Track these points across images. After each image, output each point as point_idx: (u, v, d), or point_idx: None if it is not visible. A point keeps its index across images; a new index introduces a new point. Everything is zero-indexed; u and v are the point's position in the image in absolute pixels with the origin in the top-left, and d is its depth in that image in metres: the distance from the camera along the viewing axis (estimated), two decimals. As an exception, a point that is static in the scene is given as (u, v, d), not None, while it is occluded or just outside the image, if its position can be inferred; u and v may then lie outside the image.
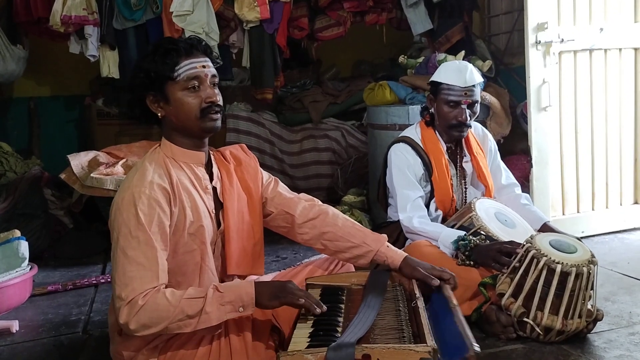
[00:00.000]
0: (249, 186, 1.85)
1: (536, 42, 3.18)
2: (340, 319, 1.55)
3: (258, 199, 1.87)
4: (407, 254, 1.83)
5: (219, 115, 1.70)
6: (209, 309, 1.53)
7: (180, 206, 1.65)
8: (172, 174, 1.66)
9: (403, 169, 2.54)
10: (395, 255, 1.82)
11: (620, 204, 3.53)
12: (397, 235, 2.57)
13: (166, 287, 1.57)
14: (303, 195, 1.98)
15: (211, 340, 1.67)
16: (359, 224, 1.93)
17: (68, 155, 3.47)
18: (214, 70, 1.71)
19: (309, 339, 1.42)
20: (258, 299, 1.56)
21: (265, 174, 1.95)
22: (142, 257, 1.54)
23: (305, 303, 1.54)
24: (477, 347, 1.29)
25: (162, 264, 1.57)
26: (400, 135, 2.67)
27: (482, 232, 2.29)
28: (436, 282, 1.72)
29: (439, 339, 1.41)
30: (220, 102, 1.70)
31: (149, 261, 1.54)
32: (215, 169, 1.80)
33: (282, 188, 1.95)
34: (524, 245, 2.06)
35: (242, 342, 1.67)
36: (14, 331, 2.44)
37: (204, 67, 1.68)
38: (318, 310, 1.53)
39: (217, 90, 1.70)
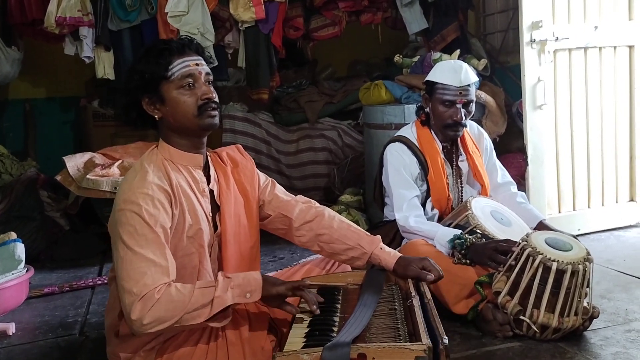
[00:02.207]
0: (245, 188, 1.85)
1: (531, 41, 3.19)
2: (336, 319, 1.55)
3: (255, 202, 1.87)
4: (400, 255, 1.83)
5: (216, 112, 1.69)
6: (219, 293, 1.53)
7: (180, 209, 1.65)
8: (172, 177, 1.66)
9: (399, 169, 2.54)
10: (389, 257, 1.82)
11: (616, 202, 3.54)
12: (394, 234, 2.58)
13: None
14: (300, 197, 1.98)
15: (208, 342, 1.66)
16: (354, 225, 1.93)
17: (64, 157, 3.47)
18: (207, 68, 1.71)
19: (304, 339, 1.42)
20: (264, 286, 1.58)
21: (262, 176, 1.95)
22: (151, 254, 1.53)
23: (307, 296, 1.57)
24: (445, 340, 1.31)
25: (171, 261, 1.57)
26: (396, 135, 2.67)
27: (478, 231, 2.30)
28: (431, 277, 1.73)
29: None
30: (217, 99, 1.70)
31: (158, 257, 1.54)
32: (212, 171, 1.80)
33: (279, 190, 1.95)
34: (519, 243, 2.06)
35: (239, 342, 1.67)
36: (11, 334, 2.43)
37: (197, 65, 1.67)
38: (314, 309, 1.56)
39: (212, 88, 1.70)
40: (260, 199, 1.90)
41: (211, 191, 1.77)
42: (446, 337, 1.32)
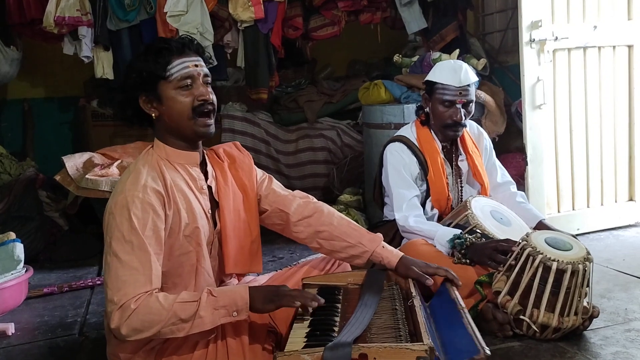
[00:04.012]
0: (244, 184, 1.85)
1: (530, 40, 3.19)
2: (337, 319, 1.55)
3: (253, 196, 1.87)
4: (403, 254, 1.83)
5: (212, 119, 1.69)
6: (202, 313, 1.51)
7: (175, 209, 1.65)
8: (166, 176, 1.66)
9: (399, 168, 2.54)
10: (391, 255, 1.82)
11: (615, 201, 3.54)
12: (393, 234, 2.58)
13: (160, 290, 1.57)
14: (297, 192, 1.97)
15: (208, 342, 1.66)
16: (354, 222, 1.93)
17: (63, 157, 3.46)
18: (206, 70, 1.70)
19: (305, 339, 1.42)
20: (252, 303, 1.55)
21: (259, 171, 1.95)
22: (135, 262, 1.53)
23: (302, 303, 1.54)
24: (487, 350, 1.30)
25: (155, 269, 1.56)
26: (395, 135, 2.67)
27: (478, 230, 2.30)
28: (430, 281, 1.73)
29: (443, 339, 1.41)
30: (214, 101, 1.69)
31: (142, 266, 1.54)
32: (209, 168, 1.79)
33: (277, 185, 1.95)
34: (519, 243, 2.06)
35: (239, 343, 1.67)
36: (10, 334, 2.43)
37: (196, 65, 1.67)
38: (315, 304, 1.52)
39: (210, 89, 1.70)
40: (257, 194, 1.90)
41: (209, 188, 1.77)
42: (488, 348, 1.31)
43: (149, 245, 1.56)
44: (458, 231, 2.29)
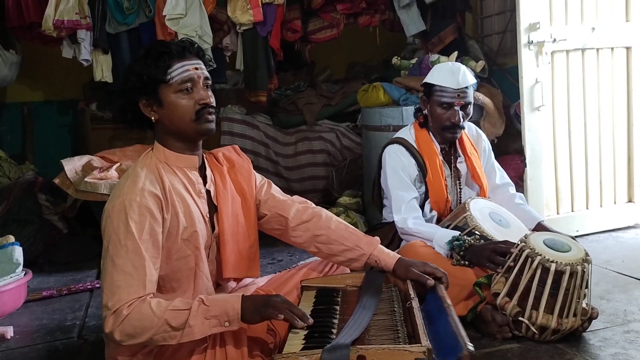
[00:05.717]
0: (242, 188, 1.85)
1: (528, 42, 3.19)
2: (335, 321, 1.55)
3: (252, 200, 1.87)
4: (400, 256, 1.83)
5: (213, 117, 1.69)
6: (192, 323, 1.50)
7: (173, 212, 1.65)
8: (165, 180, 1.66)
9: (397, 171, 2.54)
10: (388, 258, 1.82)
11: (614, 203, 3.54)
12: (392, 236, 2.58)
13: (158, 294, 1.57)
14: (296, 197, 1.98)
15: (207, 344, 1.66)
16: (352, 226, 1.93)
17: (62, 160, 3.46)
18: (206, 73, 1.71)
19: (304, 341, 1.42)
20: (243, 313, 1.53)
21: (259, 176, 1.95)
22: (129, 266, 1.53)
23: (285, 317, 1.49)
24: (471, 347, 1.30)
25: (150, 274, 1.56)
26: (394, 137, 2.68)
27: (477, 232, 2.30)
28: (431, 282, 1.73)
29: (433, 338, 1.41)
30: (214, 104, 1.70)
31: (136, 270, 1.53)
32: (208, 172, 1.80)
33: (275, 190, 1.95)
34: (518, 244, 2.06)
35: (238, 345, 1.67)
36: (9, 337, 2.43)
37: (196, 69, 1.67)
38: (301, 324, 1.47)
39: (210, 92, 1.70)
40: (256, 199, 1.90)
41: (208, 192, 1.77)
42: (471, 344, 1.31)
43: (145, 249, 1.55)
44: (457, 233, 2.30)
